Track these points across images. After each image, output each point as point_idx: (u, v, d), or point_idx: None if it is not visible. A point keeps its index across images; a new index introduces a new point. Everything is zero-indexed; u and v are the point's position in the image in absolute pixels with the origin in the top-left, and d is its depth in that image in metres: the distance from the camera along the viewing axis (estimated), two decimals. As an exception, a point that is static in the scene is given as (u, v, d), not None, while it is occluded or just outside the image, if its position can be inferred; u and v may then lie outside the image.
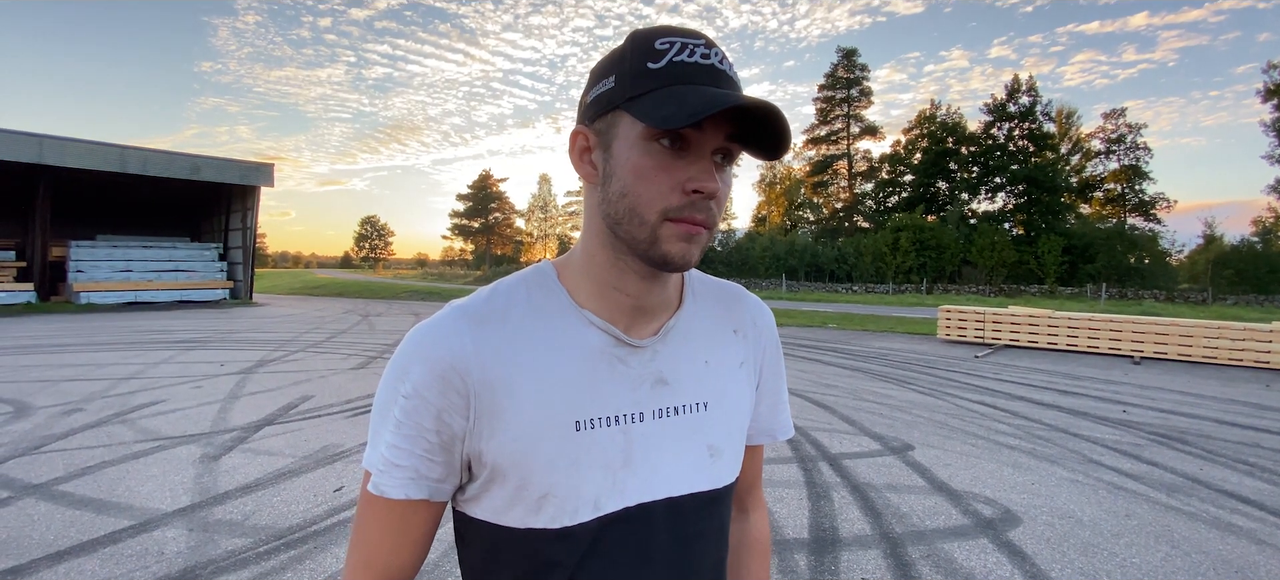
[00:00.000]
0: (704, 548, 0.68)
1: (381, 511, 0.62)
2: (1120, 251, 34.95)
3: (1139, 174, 38.80)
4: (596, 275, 0.65)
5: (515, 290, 0.65)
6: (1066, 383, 8.27)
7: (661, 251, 0.59)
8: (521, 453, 0.60)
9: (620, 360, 0.64)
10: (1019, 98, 39.42)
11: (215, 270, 23.51)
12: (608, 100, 0.60)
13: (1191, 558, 3.15)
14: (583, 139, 0.63)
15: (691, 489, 0.67)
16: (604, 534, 0.63)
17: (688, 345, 0.69)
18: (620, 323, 0.65)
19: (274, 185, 22.81)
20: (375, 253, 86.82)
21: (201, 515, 3.45)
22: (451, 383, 0.59)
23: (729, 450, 0.71)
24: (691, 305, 0.72)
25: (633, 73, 0.58)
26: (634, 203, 0.58)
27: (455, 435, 0.60)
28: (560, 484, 0.61)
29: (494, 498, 0.62)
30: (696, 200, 0.57)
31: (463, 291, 26.17)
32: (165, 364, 8.62)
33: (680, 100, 0.54)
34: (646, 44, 0.58)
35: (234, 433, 5.09)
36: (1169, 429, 5.79)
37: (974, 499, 3.89)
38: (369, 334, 12.78)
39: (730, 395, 0.72)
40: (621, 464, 0.63)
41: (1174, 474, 4.44)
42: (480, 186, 65.27)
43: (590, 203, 0.65)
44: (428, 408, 0.59)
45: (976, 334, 12.92)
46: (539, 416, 0.60)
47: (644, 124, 0.56)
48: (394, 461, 0.60)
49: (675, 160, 0.57)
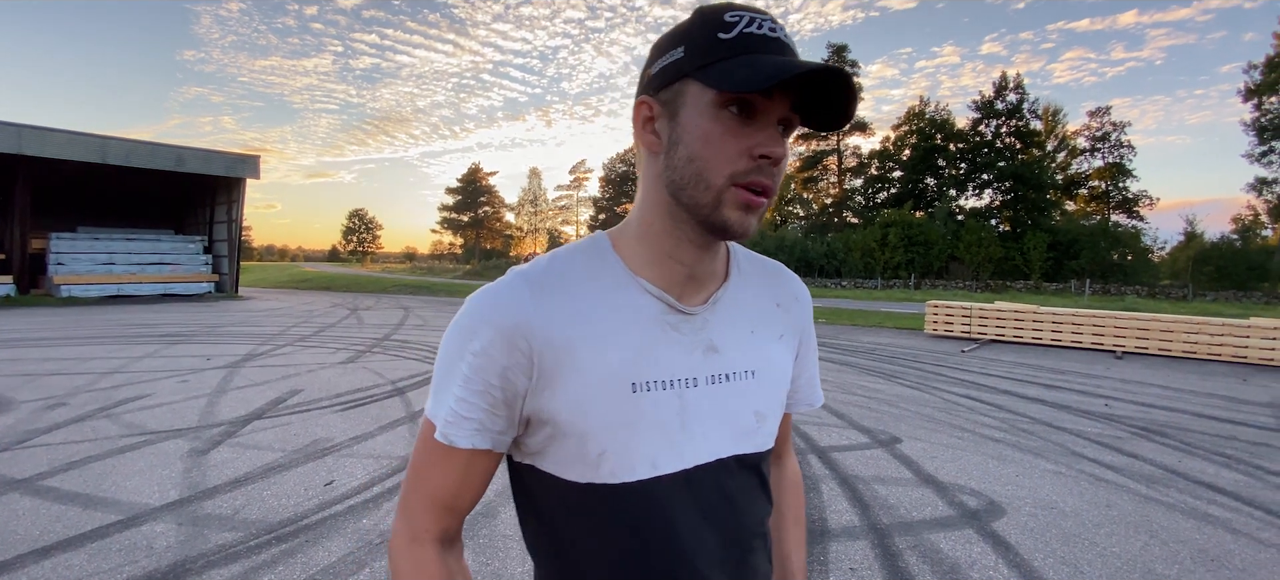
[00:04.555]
0: (751, 506, 0.72)
1: (446, 458, 0.66)
2: (1104, 248, 35.44)
3: (1123, 171, 39.28)
4: (653, 244, 0.67)
5: (573, 258, 0.68)
6: (1051, 377, 8.39)
7: (722, 217, 0.61)
8: (581, 412, 0.63)
9: (673, 327, 0.67)
10: (1006, 95, 39.76)
11: (200, 263, 23.23)
12: (676, 70, 0.62)
13: (1169, 547, 3.22)
14: (646, 109, 0.65)
15: (739, 451, 0.70)
16: (661, 492, 0.66)
17: (735, 315, 0.72)
18: (674, 291, 0.68)
19: (260, 177, 22.53)
20: (363, 246, 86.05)
21: (191, 509, 3.43)
22: (516, 344, 0.62)
23: (772, 417, 0.75)
24: (737, 278, 0.75)
25: (703, 43, 0.60)
26: (701, 167, 0.61)
27: (517, 393, 0.64)
28: (617, 443, 0.64)
29: (555, 453, 0.66)
30: (763, 165, 0.60)
31: (453, 285, 25.88)
32: (150, 358, 8.53)
33: (754, 66, 0.56)
34: (716, 16, 0.60)
35: (222, 427, 5.06)
36: (1149, 422, 5.90)
37: (960, 491, 3.95)
38: (358, 328, 12.71)
39: (774, 364, 0.75)
40: (678, 427, 0.66)
41: (1153, 466, 4.53)
42: (470, 180, 64.90)
43: (650, 173, 0.67)
44: (494, 366, 0.62)
45: (963, 329, 13.06)
46: (597, 378, 0.63)
47: (715, 91, 0.59)
48: (463, 414, 0.64)
49: (743, 127, 0.60)
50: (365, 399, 6.14)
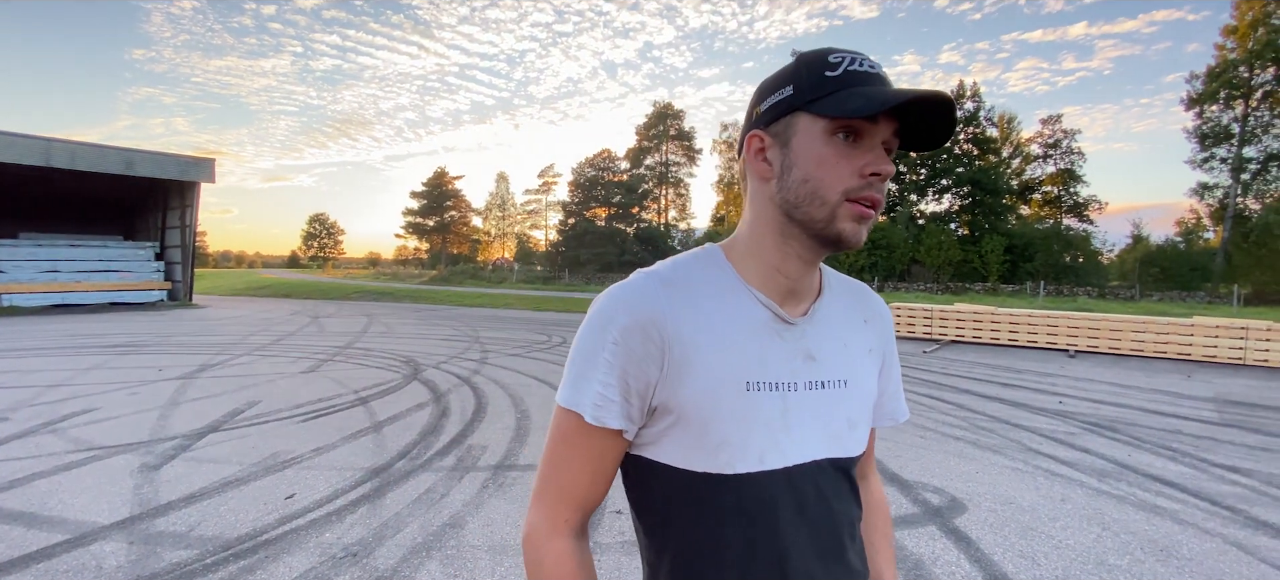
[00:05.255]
0: (843, 507, 0.77)
1: (587, 444, 0.72)
2: (1057, 251, 36.76)
3: (1074, 177, 40.79)
4: (764, 258, 0.75)
5: (693, 265, 0.76)
6: (1008, 375, 8.66)
7: (837, 229, 0.69)
8: (704, 403, 0.70)
9: (778, 334, 0.74)
10: (964, 103, 40.96)
11: (151, 270, 22.35)
12: (787, 105, 0.70)
13: (1120, 538, 3.35)
14: (758, 141, 0.74)
15: (833, 454, 0.76)
16: (768, 486, 0.71)
17: (830, 328, 0.79)
18: (778, 301, 0.76)
19: (215, 181, 21.79)
20: (324, 252, 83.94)
21: (142, 527, 3.29)
22: (650, 335, 0.69)
23: (862, 424, 0.81)
24: (829, 294, 0.82)
25: (812, 81, 0.68)
26: (816, 187, 0.68)
27: (650, 382, 0.70)
28: (734, 435, 0.70)
29: (675, 442, 0.72)
30: (873, 181, 0.68)
31: (418, 291, 25.42)
32: (97, 370, 8.17)
33: (866, 97, 0.65)
34: (820, 59, 0.69)
35: (175, 441, 4.87)
36: (1100, 418, 6.13)
37: (923, 488, 4.05)
38: (319, 336, 12.39)
39: (863, 375, 0.81)
40: (781, 426, 0.72)
41: (1104, 460, 4.71)
42: (435, 184, 63.83)
43: (761, 197, 0.75)
44: (632, 355, 0.69)
45: (925, 330, 13.39)
46: (718, 373, 0.70)
47: (827, 119, 0.67)
48: (609, 397, 0.70)
49: (852, 150, 0.68)
50: (327, 409, 5.99)
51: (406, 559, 2.98)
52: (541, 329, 14.40)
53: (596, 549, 3.11)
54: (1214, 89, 33.56)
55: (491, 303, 24.05)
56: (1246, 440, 5.40)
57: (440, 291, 30.14)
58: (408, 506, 3.60)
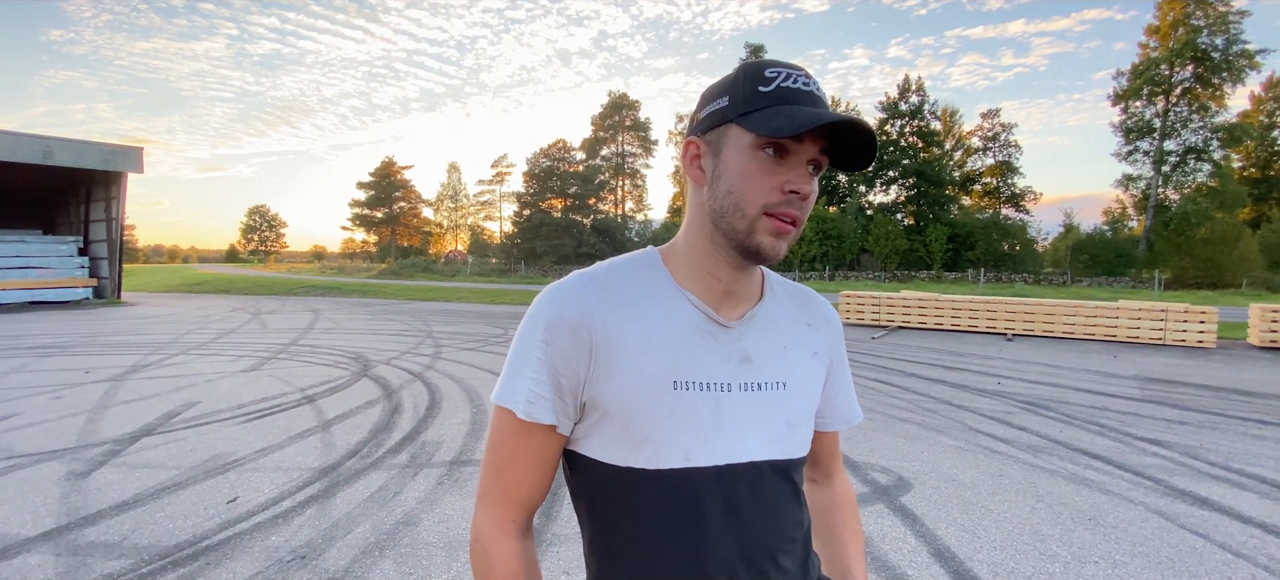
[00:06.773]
0: (781, 509, 0.78)
1: (525, 439, 0.74)
2: (996, 239, 38.49)
3: (1011, 169, 42.67)
4: (696, 261, 0.77)
5: (628, 267, 0.78)
6: (951, 359, 9.03)
7: (755, 241, 0.70)
8: (629, 400, 0.71)
9: (712, 336, 0.75)
10: (910, 97, 42.28)
11: (74, 267, 20.99)
12: (721, 115, 0.72)
13: (1053, 509, 3.55)
14: (695, 148, 0.76)
15: (771, 456, 0.77)
16: (695, 483, 0.72)
17: (769, 331, 0.80)
18: (713, 305, 0.77)
19: (143, 171, 20.53)
20: (265, 245, 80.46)
21: (70, 538, 3.11)
22: (579, 334, 0.71)
23: (804, 427, 0.82)
24: (771, 299, 0.83)
25: (745, 94, 0.69)
26: (738, 199, 0.70)
27: (579, 379, 0.72)
28: (658, 431, 0.72)
29: (602, 437, 0.74)
30: (792, 199, 0.69)
31: (367, 286, 24.80)
32: (17, 373, 7.64)
33: (789, 116, 0.66)
34: (757, 72, 0.70)
35: (105, 446, 4.61)
36: (1035, 397, 6.47)
37: (872, 469, 4.19)
38: (261, 333, 11.91)
39: (805, 378, 0.82)
40: (712, 425, 0.73)
41: (1039, 437, 4.97)
42: (383, 174, 61.95)
43: (696, 202, 0.76)
44: (561, 352, 0.71)
45: (873, 317, 13.81)
46: (644, 371, 0.72)
47: (754, 134, 0.68)
48: (540, 393, 0.72)
49: (776, 166, 0.69)
50: (272, 408, 5.77)
51: (358, 559, 2.90)
52: (497, 323, 14.21)
53: (558, 540, 3.10)
54: (1138, 86, 35.57)
55: (444, 296, 23.57)
56: (1166, 415, 5.79)
57: (390, 286, 29.36)
58: (359, 506, 3.51)
